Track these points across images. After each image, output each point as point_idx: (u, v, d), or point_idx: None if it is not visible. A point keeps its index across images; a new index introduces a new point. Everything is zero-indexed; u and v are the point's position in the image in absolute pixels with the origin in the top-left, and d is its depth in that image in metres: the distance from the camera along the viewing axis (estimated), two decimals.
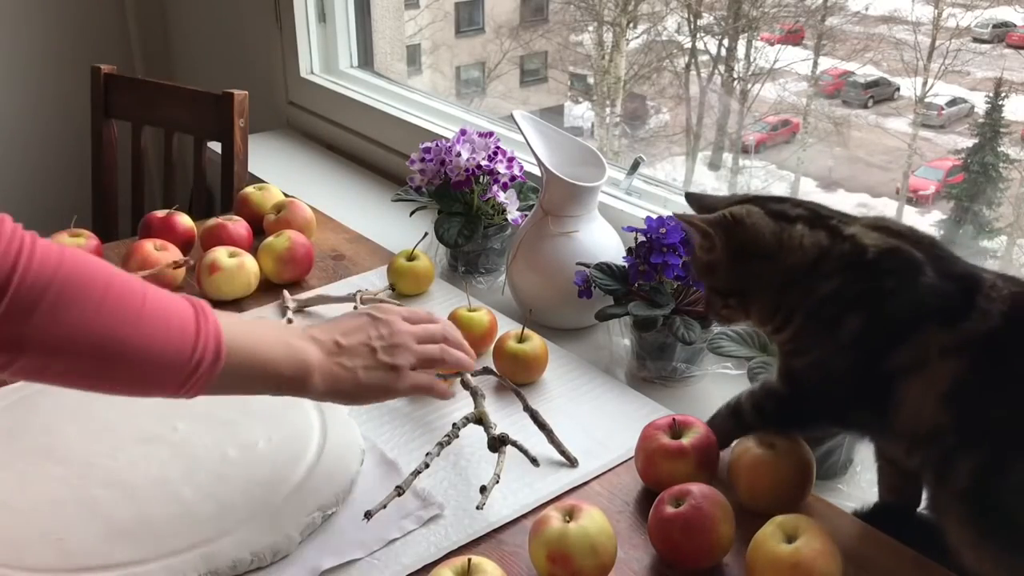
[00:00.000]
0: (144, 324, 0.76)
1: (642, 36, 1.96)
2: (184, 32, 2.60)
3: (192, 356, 0.78)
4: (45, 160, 2.55)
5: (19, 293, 0.70)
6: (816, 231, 0.84)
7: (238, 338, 0.81)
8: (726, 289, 0.89)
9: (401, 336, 0.92)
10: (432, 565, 0.85)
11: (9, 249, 0.70)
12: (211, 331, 0.79)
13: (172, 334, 0.77)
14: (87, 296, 0.73)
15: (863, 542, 0.88)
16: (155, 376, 0.78)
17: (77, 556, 0.85)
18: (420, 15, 2.39)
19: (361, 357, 0.89)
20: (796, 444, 0.91)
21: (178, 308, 0.79)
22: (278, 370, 0.84)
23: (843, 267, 0.82)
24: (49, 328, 0.71)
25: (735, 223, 0.86)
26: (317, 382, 0.86)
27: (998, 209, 1.44)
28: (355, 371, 0.88)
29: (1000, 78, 1.40)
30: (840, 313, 0.82)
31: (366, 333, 0.91)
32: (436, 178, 1.39)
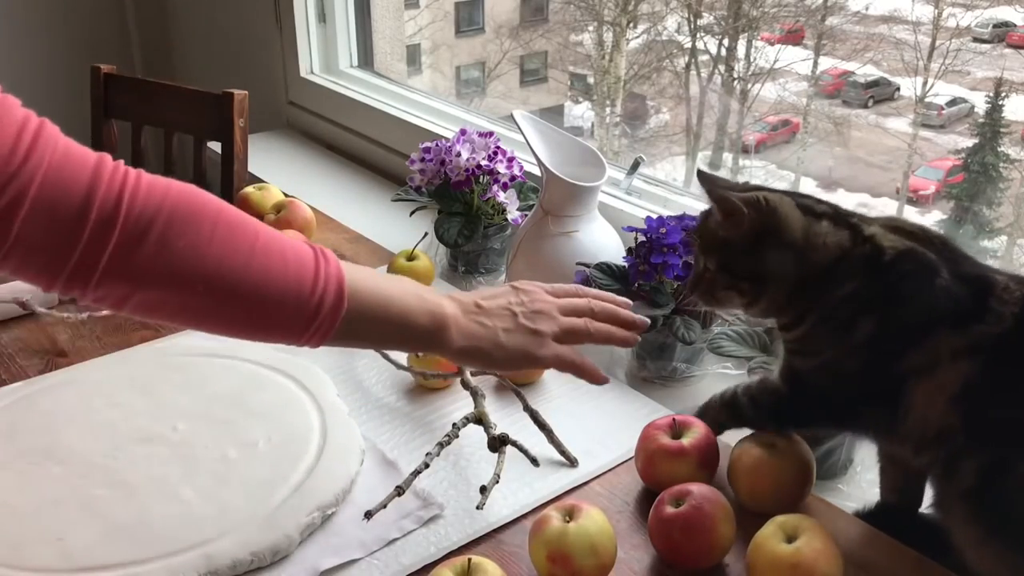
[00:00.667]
0: (258, 258, 0.74)
1: (642, 36, 1.96)
2: (184, 32, 2.60)
3: (312, 296, 0.75)
4: None
5: (128, 223, 0.70)
6: (840, 230, 0.84)
7: (363, 283, 0.79)
8: (741, 272, 0.87)
9: (544, 304, 0.88)
10: (432, 565, 0.85)
11: (113, 182, 0.70)
12: (332, 272, 0.77)
13: (289, 271, 0.75)
14: (197, 227, 0.72)
15: (864, 542, 0.88)
16: (275, 315, 0.75)
17: (77, 556, 0.85)
18: (420, 15, 2.39)
19: (501, 319, 0.86)
20: (796, 444, 0.91)
21: (295, 247, 0.77)
22: (410, 319, 0.81)
23: (861, 269, 0.82)
24: (160, 259, 0.71)
25: (769, 208, 0.85)
26: (454, 336, 0.83)
27: (998, 209, 1.44)
28: (495, 331, 0.85)
29: (1000, 78, 1.40)
30: (855, 315, 0.81)
31: (507, 299, 0.88)
32: (436, 178, 1.39)
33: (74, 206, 0.68)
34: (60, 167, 0.69)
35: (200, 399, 1.07)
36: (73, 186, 0.69)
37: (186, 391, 1.08)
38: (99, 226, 0.69)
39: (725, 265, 0.87)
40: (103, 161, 0.72)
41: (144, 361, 1.16)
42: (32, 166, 0.67)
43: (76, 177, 0.69)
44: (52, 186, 0.68)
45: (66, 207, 0.68)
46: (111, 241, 0.69)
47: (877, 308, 0.80)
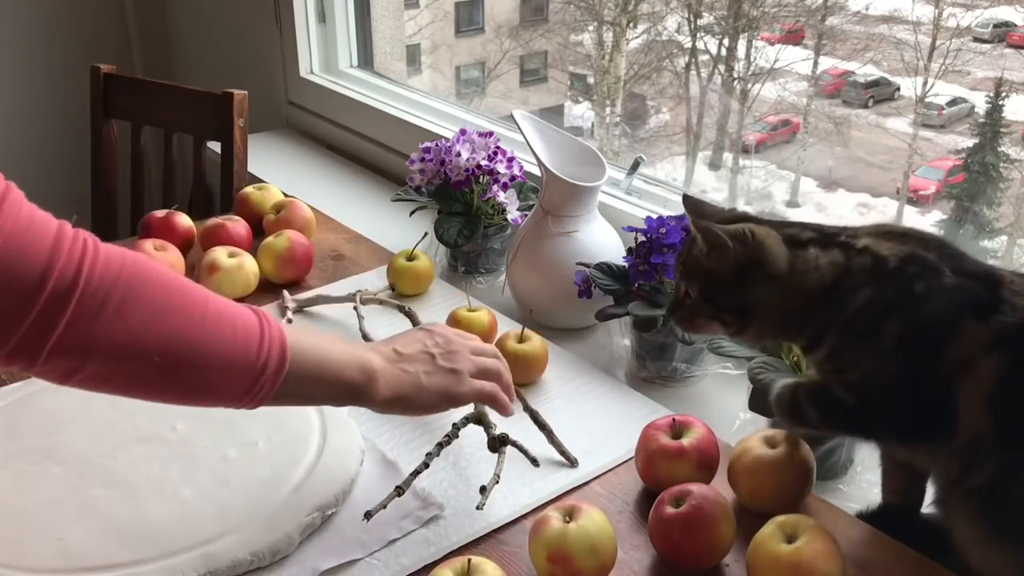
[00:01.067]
0: (208, 327, 0.75)
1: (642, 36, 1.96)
2: (184, 32, 2.60)
3: (257, 360, 0.77)
4: (45, 160, 2.55)
5: (85, 296, 0.69)
6: (829, 251, 0.83)
7: (302, 343, 0.81)
8: (724, 303, 0.86)
9: (457, 345, 0.93)
10: (432, 565, 0.85)
11: (72, 252, 0.69)
12: (275, 335, 0.79)
13: (237, 337, 0.76)
14: (152, 299, 0.73)
15: (864, 542, 0.88)
16: (221, 381, 0.77)
17: (77, 556, 0.85)
18: (420, 15, 2.39)
19: (421, 363, 0.89)
20: (796, 444, 0.91)
21: (241, 313, 0.79)
22: (343, 375, 0.83)
23: (869, 278, 0.81)
24: (116, 331, 0.70)
25: (755, 242, 0.83)
26: (381, 388, 0.86)
27: (998, 209, 1.44)
28: (417, 375, 0.88)
29: (1000, 78, 1.40)
30: (877, 321, 0.80)
31: (423, 343, 0.91)
32: (436, 178, 1.39)
33: (32, 276, 0.67)
34: (22, 233, 0.67)
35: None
36: (33, 255, 0.67)
37: None
38: (55, 298, 0.67)
39: (708, 295, 0.87)
40: (63, 230, 0.70)
41: None
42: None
43: (37, 246, 0.67)
44: (11, 253, 0.66)
45: (23, 276, 0.66)
46: (66, 313, 0.68)
47: (897, 310, 0.80)
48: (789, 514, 0.83)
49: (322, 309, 1.29)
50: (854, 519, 0.91)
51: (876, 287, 0.80)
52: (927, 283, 0.79)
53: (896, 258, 0.81)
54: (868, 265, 0.81)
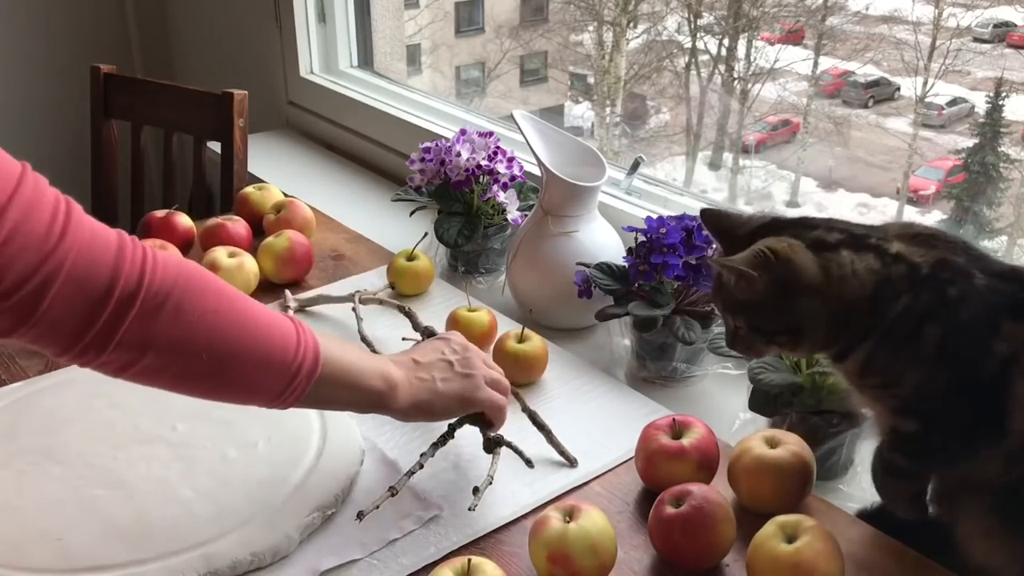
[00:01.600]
0: (250, 330, 0.81)
1: (642, 36, 1.96)
2: (184, 32, 2.60)
3: (293, 363, 0.82)
4: (45, 160, 2.54)
5: (147, 299, 0.75)
6: (863, 255, 0.81)
7: (332, 351, 0.86)
8: (772, 328, 0.84)
9: (473, 352, 0.97)
10: (432, 565, 0.85)
11: (135, 257, 0.76)
12: (309, 341, 0.84)
13: (275, 340, 0.82)
14: (204, 301, 0.79)
15: (864, 542, 0.88)
16: (260, 380, 0.82)
17: (77, 556, 0.85)
18: (420, 15, 2.39)
19: (439, 370, 0.93)
20: (796, 444, 0.91)
21: (279, 319, 0.84)
22: (367, 383, 0.87)
23: (906, 286, 0.79)
24: (173, 328, 0.77)
25: (780, 262, 0.80)
26: (401, 395, 0.89)
27: (998, 209, 1.44)
28: (434, 381, 0.92)
29: (1000, 78, 1.40)
30: (916, 327, 0.79)
31: (440, 351, 0.95)
32: (436, 178, 1.39)
33: (101, 284, 0.73)
34: (89, 247, 0.74)
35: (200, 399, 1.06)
36: (100, 265, 0.74)
37: None
38: (122, 302, 0.74)
39: (754, 325, 0.85)
40: (123, 239, 0.77)
41: None
42: (66, 246, 0.72)
43: (103, 256, 0.74)
44: (83, 265, 0.73)
45: (94, 285, 0.73)
46: (131, 315, 0.75)
47: (934, 316, 0.78)
48: (789, 514, 0.83)
49: (322, 309, 1.29)
50: (854, 519, 0.91)
51: (912, 295, 0.79)
52: (960, 287, 0.78)
53: (927, 264, 0.79)
54: (904, 273, 0.79)
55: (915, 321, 0.79)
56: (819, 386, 0.96)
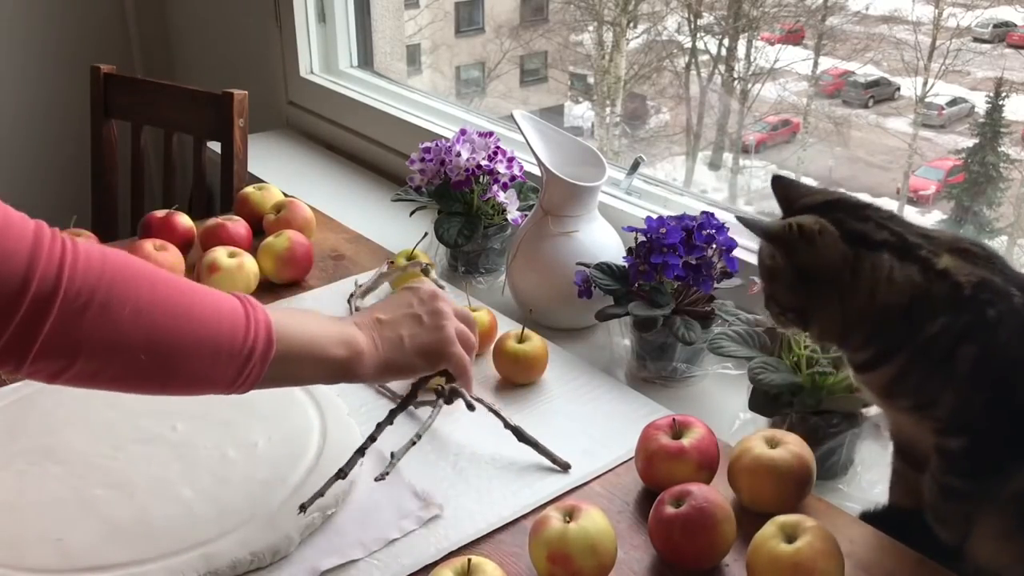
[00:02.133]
0: (193, 320, 0.76)
1: (642, 36, 1.96)
2: (184, 32, 2.60)
3: (244, 347, 0.77)
4: (45, 160, 2.55)
5: (68, 297, 0.68)
6: (907, 265, 0.78)
7: (287, 325, 0.81)
8: (783, 303, 0.83)
9: (442, 304, 0.91)
10: (432, 565, 0.85)
11: (52, 253, 0.68)
12: (261, 321, 0.79)
13: (223, 327, 0.77)
14: (136, 295, 0.72)
15: (864, 542, 0.88)
16: (210, 370, 0.77)
17: (77, 556, 0.85)
18: (420, 15, 2.39)
19: (406, 326, 0.89)
20: (796, 444, 0.91)
21: (225, 301, 0.79)
22: (329, 353, 0.84)
23: (945, 307, 0.77)
24: (102, 329, 0.70)
25: (802, 239, 0.78)
26: (367, 360, 0.86)
27: (998, 209, 1.44)
28: (401, 339, 0.88)
29: (1000, 78, 1.40)
30: (952, 348, 0.77)
31: (407, 304, 0.91)
32: (436, 178, 1.39)
33: (14, 280, 0.66)
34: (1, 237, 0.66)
35: (200, 399, 1.06)
36: (13, 258, 0.66)
37: None
38: (38, 301, 0.67)
39: (770, 294, 0.84)
40: (40, 231, 0.69)
41: None
42: None
43: (16, 248, 0.67)
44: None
45: (5, 281, 0.66)
46: (50, 316, 0.67)
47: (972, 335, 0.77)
48: (789, 514, 0.83)
49: None
50: (854, 519, 0.91)
51: (951, 316, 0.77)
52: (999, 308, 0.77)
53: (970, 285, 0.77)
54: (946, 292, 0.77)
55: (952, 342, 0.77)
56: (819, 386, 0.96)
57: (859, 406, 0.95)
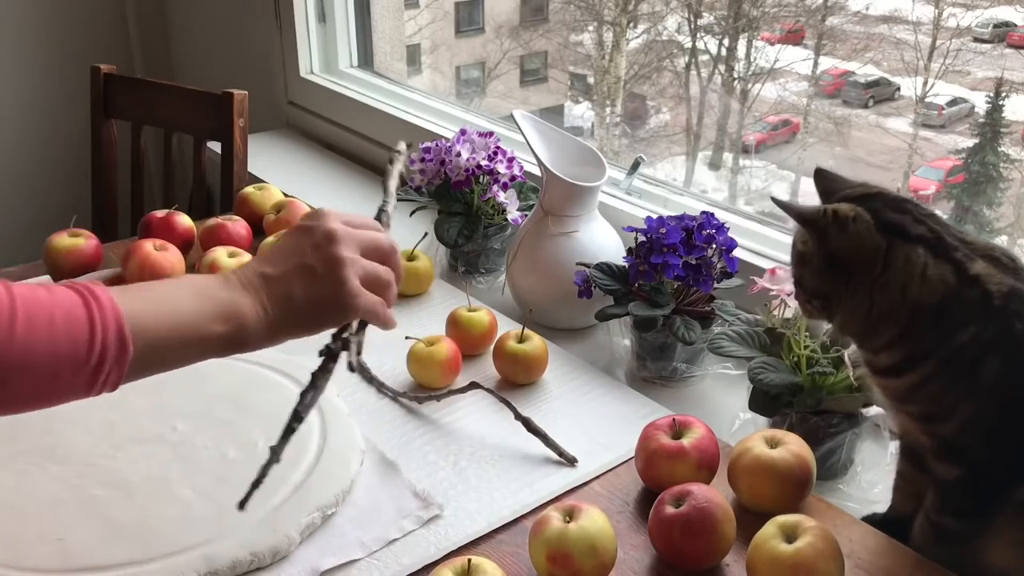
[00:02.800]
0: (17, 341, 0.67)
1: (642, 36, 1.96)
2: (184, 32, 2.60)
3: (91, 354, 0.69)
4: (45, 160, 2.55)
5: None
6: (941, 263, 0.76)
7: (145, 313, 0.72)
8: (810, 288, 0.82)
9: (340, 243, 0.79)
10: (432, 565, 0.85)
11: None
12: (109, 321, 0.70)
13: (57, 338, 0.68)
14: None
15: (864, 542, 0.88)
16: (52, 388, 0.70)
17: (77, 556, 0.85)
18: (420, 15, 2.39)
19: (297, 280, 0.77)
20: (796, 444, 0.91)
21: (62, 302, 0.69)
22: (206, 332, 0.74)
23: (975, 315, 0.76)
24: None
25: (835, 224, 0.77)
26: (255, 327, 0.76)
27: (998, 209, 1.44)
28: (292, 298, 0.77)
29: (1000, 78, 1.40)
30: (978, 358, 0.75)
31: (299, 249, 0.79)
32: (436, 178, 1.39)
33: None
34: None
35: (200, 399, 1.06)
36: None
37: (186, 391, 1.07)
38: None
39: (798, 278, 0.83)
40: None
41: None
42: None
43: None
44: None
45: None
46: None
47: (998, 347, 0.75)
48: (789, 514, 0.83)
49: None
50: (854, 519, 0.91)
51: (980, 325, 0.75)
52: None
53: (1000, 294, 0.76)
54: (976, 299, 0.76)
55: (978, 353, 0.75)
56: (819, 386, 0.96)
57: (859, 406, 0.95)
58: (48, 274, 1.31)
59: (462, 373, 1.13)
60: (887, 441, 0.99)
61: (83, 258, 1.34)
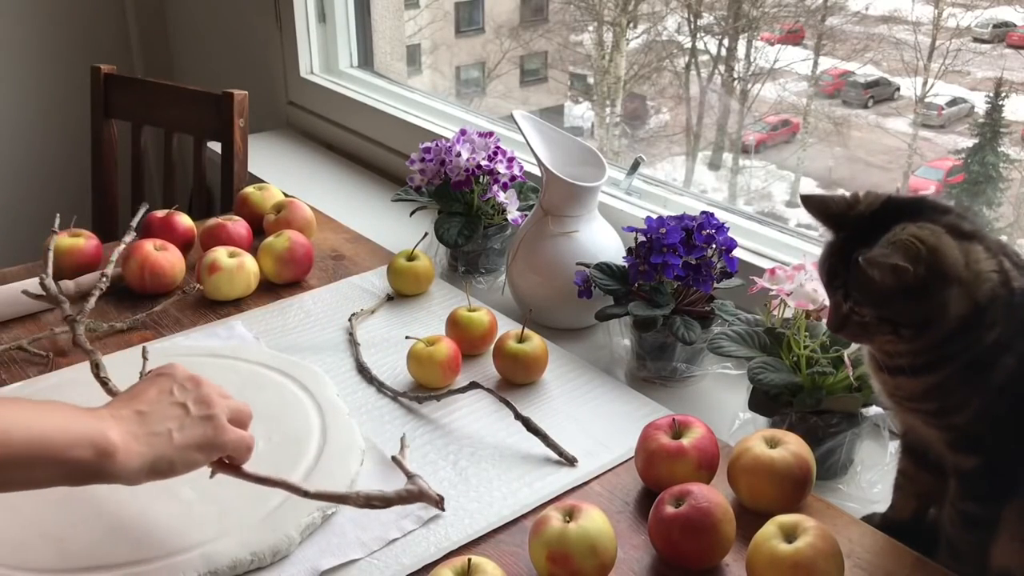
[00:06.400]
0: None
1: (642, 36, 1.96)
2: (184, 32, 2.60)
3: None
4: (45, 160, 2.56)
5: None
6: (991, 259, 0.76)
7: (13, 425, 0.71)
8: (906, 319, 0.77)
9: (207, 388, 0.83)
10: (432, 565, 0.85)
11: None
12: None
13: None
14: None
15: (863, 542, 0.88)
16: None
17: (77, 556, 0.85)
18: (420, 15, 2.39)
19: (172, 418, 0.79)
20: (796, 444, 0.91)
21: None
22: (67, 455, 0.73)
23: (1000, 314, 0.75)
24: None
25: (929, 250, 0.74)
26: (124, 460, 0.75)
27: (998, 209, 1.44)
28: (169, 434, 0.78)
29: (1000, 78, 1.40)
30: (997, 356, 0.75)
31: (169, 393, 0.81)
32: (436, 178, 1.39)
33: None
34: None
35: None
36: None
37: None
38: None
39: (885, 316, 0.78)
40: None
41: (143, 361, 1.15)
42: None
43: None
44: None
45: None
46: None
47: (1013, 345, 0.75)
48: (789, 514, 0.83)
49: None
50: (854, 519, 0.91)
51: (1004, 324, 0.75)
52: None
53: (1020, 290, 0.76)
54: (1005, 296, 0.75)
55: (998, 352, 0.75)
56: (819, 386, 0.96)
57: (859, 406, 0.95)
58: None
59: (462, 373, 1.13)
60: (887, 441, 0.99)
61: (83, 258, 1.35)
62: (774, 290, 1.03)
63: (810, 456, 0.91)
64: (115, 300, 1.31)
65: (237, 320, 1.26)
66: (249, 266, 1.32)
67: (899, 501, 0.91)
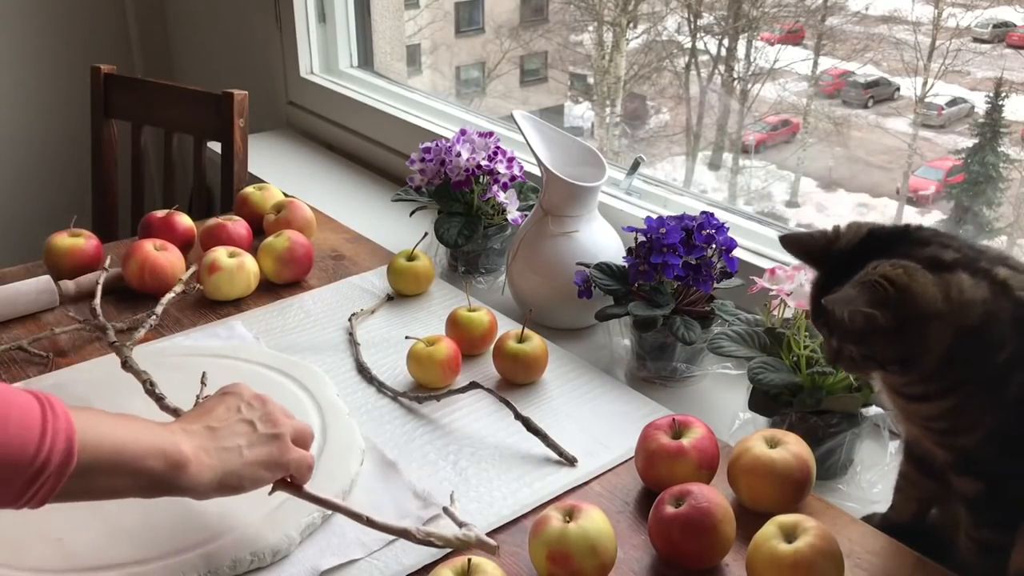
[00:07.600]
0: None
1: (642, 36, 1.96)
2: (184, 32, 2.60)
3: (36, 460, 0.68)
4: (45, 160, 2.56)
5: None
6: (979, 280, 0.74)
7: (95, 433, 0.73)
8: (888, 358, 0.77)
9: (272, 406, 0.86)
10: (432, 565, 0.85)
11: None
12: (61, 428, 0.70)
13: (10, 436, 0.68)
14: None
15: (863, 542, 0.88)
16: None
17: (77, 556, 0.85)
18: (420, 15, 2.39)
19: (241, 435, 0.82)
20: (796, 444, 0.91)
21: (19, 406, 0.70)
22: (143, 465, 0.75)
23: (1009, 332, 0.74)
24: None
25: (898, 291, 0.73)
26: (196, 474, 0.78)
27: (998, 209, 1.44)
28: (239, 450, 0.81)
29: (1000, 78, 1.40)
30: (1009, 373, 0.74)
31: (236, 408, 0.84)
32: (436, 178, 1.39)
33: None
34: None
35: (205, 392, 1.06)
36: None
37: (186, 391, 1.07)
38: None
39: (867, 354, 0.78)
40: None
41: (144, 361, 1.15)
42: None
43: None
44: None
45: None
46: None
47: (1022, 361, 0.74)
48: (789, 514, 0.83)
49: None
50: (854, 519, 0.91)
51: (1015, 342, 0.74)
52: None
53: None
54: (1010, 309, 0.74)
55: (1010, 370, 0.74)
56: (819, 386, 0.96)
57: (859, 406, 0.95)
58: (48, 274, 1.31)
59: (462, 373, 1.13)
60: (887, 441, 0.99)
61: (83, 258, 1.35)
62: (774, 290, 1.03)
63: (810, 456, 0.91)
64: (115, 300, 1.31)
65: (237, 320, 1.26)
66: (249, 266, 1.32)
67: (900, 503, 0.91)
